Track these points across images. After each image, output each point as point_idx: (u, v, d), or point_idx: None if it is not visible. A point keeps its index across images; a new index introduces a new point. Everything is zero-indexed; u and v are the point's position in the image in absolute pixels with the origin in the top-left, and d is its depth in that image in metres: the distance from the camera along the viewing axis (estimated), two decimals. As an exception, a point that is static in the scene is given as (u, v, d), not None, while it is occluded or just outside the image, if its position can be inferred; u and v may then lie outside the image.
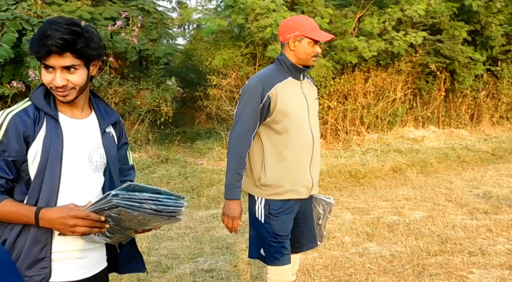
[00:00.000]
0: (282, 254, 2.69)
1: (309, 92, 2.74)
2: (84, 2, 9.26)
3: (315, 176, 2.78)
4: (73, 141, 1.72)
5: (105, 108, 1.87)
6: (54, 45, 1.58)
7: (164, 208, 1.61)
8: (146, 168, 7.53)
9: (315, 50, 2.61)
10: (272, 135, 2.63)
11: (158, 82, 9.54)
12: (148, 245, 4.62)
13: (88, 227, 1.61)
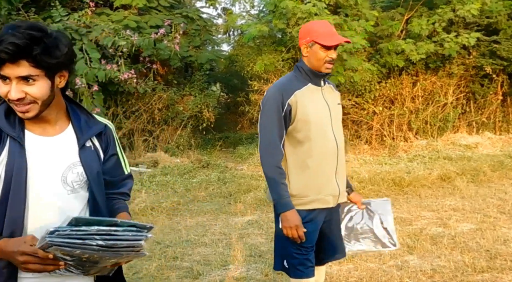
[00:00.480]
0: (305, 266, 2.60)
1: (331, 98, 2.65)
2: (131, 12, 9.50)
3: (341, 184, 2.67)
4: (41, 163, 1.55)
5: (86, 119, 1.68)
6: (3, 51, 1.39)
7: (115, 243, 1.39)
8: (187, 173, 7.59)
9: (328, 55, 2.50)
10: (294, 144, 2.56)
11: (201, 88, 9.63)
12: (181, 250, 4.62)
13: (41, 264, 1.42)
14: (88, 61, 7.35)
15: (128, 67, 8.04)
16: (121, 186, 1.81)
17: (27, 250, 1.42)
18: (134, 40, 7.64)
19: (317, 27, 2.56)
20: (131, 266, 4.21)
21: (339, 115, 2.68)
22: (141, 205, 5.81)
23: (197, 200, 6.26)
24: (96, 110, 7.43)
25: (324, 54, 2.49)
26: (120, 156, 1.80)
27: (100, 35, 7.60)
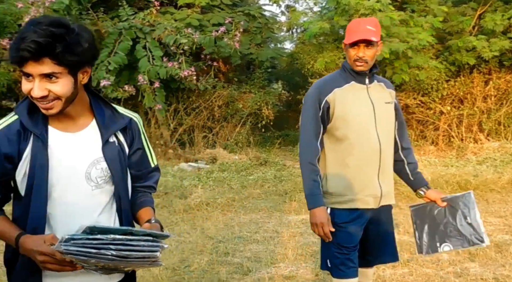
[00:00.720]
0: (347, 267, 2.54)
1: (379, 97, 2.55)
2: (194, 10, 9.66)
3: (385, 185, 2.57)
4: (64, 160, 1.55)
5: (111, 114, 1.66)
6: (25, 49, 1.37)
7: (130, 253, 1.38)
8: (244, 170, 7.61)
9: (356, 54, 2.43)
10: (333, 142, 2.53)
11: (261, 86, 9.64)
12: (233, 246, 4.63)
13: (58, 265, 1.44)
14: (151, 59, 7.55)
15: (189, 65, 8.19)
16: (147, 179, 1.81)
17: (46, 250, 1.43)
18: (195, 38, 7.76)
19: (350, 26, 2.52)
20: (183, 260, 4.27)
21: (386, 114, 2.57)
22: (197, 200, 5.89)
23: (252, 197, 6.26)
24: (158, 106, 7.63)
25: (353, 52, 2.45)
26: (146, 149, 1.77)
27: (163, 33, 7.79)
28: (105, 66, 7.18)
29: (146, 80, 7.23)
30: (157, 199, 6.02)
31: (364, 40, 2.40)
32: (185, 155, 8.44)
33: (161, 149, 8.35)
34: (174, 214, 5.55)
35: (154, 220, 1.67)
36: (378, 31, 2.48)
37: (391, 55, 8.17)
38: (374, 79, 2.58)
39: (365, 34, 2.43)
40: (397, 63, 8.47)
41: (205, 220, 5.37)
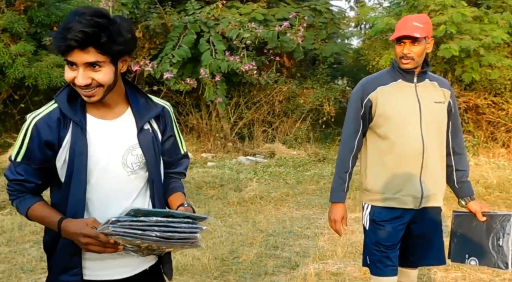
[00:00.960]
0: (385, 265, 2.53)
1: (428, 96, 2.48)
2: (260, 5, 9.71)
3: (428, 187, 2.50)
4: (102, 146, 1.61)
5: (145, 102, 1.71)
6: (73, 39, 1.43)
7: (173, 235, 1.44)
8: (301, 165, 7.59)
9: (401, 51, 2.39)
10: (375, 140, 2.52)
11: (324, 82, 9.54)
12: (283, 240, 4.64)
13: (101, 246, 1.50)
14: (214, 53, 7.68)
15: (251, 59, 8.26)
16: (178, 165, 1.86)
17: (90, 233, 1.49)
18: (258, 32, 7.81)
19: (398, 22, 2.48)
20: (233, 251, 4.34)
21: (434, 114, 2.49)
22: (251, 194, 5.94)
23: (307, 193, 6.23)
24: (218, 99, 7.76)
25: (399, 49, 2.41)
26: (177, 136, 1.83)
27: (226, 28, 7.90)
28: (168, 59, 7.39)
29: (208, 74, 7.37)
30: (212, 191, 6.15)
31: (408, 37, 2.35)
32: (244, 149, 8.53)
33: (220, 142, 8.49)
34: (228, 206, 5.63)
35: (187, 204, 1.71)
36: (426, 28, 2.40)
37: (461, 53, 7.81)
38: (426, 78, 2.51)
39: (409, 30, 2.37)
40: (467, 61, 8.08)
41: (257, 213, 5.42)
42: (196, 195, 5.98)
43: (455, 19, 7.30)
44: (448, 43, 7.65)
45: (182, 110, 8.84)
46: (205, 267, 3.95)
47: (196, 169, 7.03)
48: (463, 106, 8.77)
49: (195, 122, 8.68)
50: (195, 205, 5.68)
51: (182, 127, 8.97)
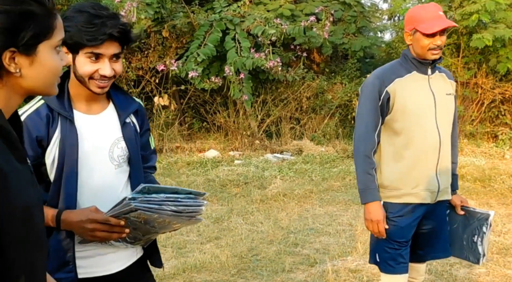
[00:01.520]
0: (397, 262, 2.46)
1: (440, 88, 2.43)
2: (287, 0, 9.64)
3: (443, 181, 2.45)
4: (90, 140, 1.65)
5: (125, 98, 1.77)
6: (116, 30, 1.53)
7: (184, 208, 1.53)
8: (329, 162, 7.48)
9: (432, 42, 2.28)
10: (391, 134, 2.42)
11: (353, 77, 9.37)
12: (304, 237, 4.58)
13: (108, 231, 1.55)
14: (239, 50, 7.67)
15: (278, 55, 8.21)
16: (149, 160, 1.92)
17: (98, 217, 1.53)
18: (284, 28, 7.74)
19: (419, 12, 2.35)
20: (252, 248, 4.32)
21: (447, 106, 2.45)
22: (274, 191, 5.90)
23: (332, 190, 6.13)
24: (244, 97, 7.75)
25: (428, 41, 2.30)
26: (149, 132, 1.91)
27: (252, 25, 7.87)
28: (194, 58, 7.43)
29: (232, 71, 7.37)
30: (236, 189, 6.15)
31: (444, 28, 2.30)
32: (271, 146, 8.48)
33: (248, 140, 8.48)
34: (250, 204, 5.61)
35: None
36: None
37: (495, 42, 7.52)
38: (436, 70, 2.45)
39: (445, 21, 2.34)
40: (502, 51, 7.78)
41: (280, 211, 5.37)
42: (220, 193, 5.98)
43: (488, 7, 7.03)
44: (481, 32, 7.37)
45: (210, 108, 8.88)
46: (223, 265, 3.94)
47: (222, 168, 7.04)
48: (498, 98, 8.46)
49: (223, 121, 8.70)
50: (219, 203, 5.69)
51: (209, 125, 9.02)
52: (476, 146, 8.36)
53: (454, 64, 8.30)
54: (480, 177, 6.51)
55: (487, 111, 8.69)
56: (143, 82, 8.49)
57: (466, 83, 8.52)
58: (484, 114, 8.69)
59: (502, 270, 3.77)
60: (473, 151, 8.20)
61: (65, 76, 1.63)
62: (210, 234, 4.65)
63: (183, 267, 3.87)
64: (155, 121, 8.49)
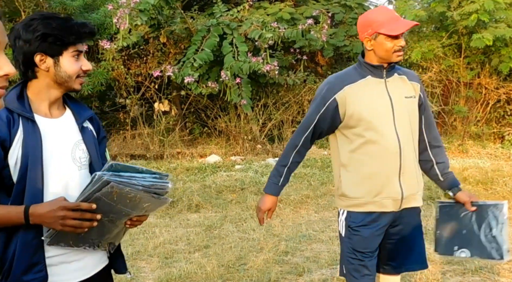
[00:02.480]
0: (360, 274, 2.38)
1: (398, 91, 2.34)
2: (287, 4, 9.59)
3: (407, 188, 2.35)
4: (52, 141, 1.67)
5: (78, 105, 1.83)
6: (89, 29, 1.69)
7: (152, 184, 1.59)
8: (330, 166, 7.38)
9: (396, 44, 2.23)
10: (347, 142, 2.36)
11: (355, 79, 9.26)
12: (295, 245, 4.51)
13: (78, 219, 1.55)
14: (236, 55, 7.63)
15: (278, 59, 8.14)
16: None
17: (69, 205, 1.55)
18: (281, 32, 7.69)
19: (377, 15, 2.29)
20: (241, 257, 4.25)
21: (406, 110, 2.35)
22: (270, 196, 5.83)
23: (329, 194, 6.05)
24: (243, 101, 7.70)
25: (392, 43, 2.24)
26: (106, 142, 1.95)
27: (249, 29, 7.83)
28: (190, 63, 7.41)
29: (229, 76, 7.33)
30: (232, 195, 6.09)
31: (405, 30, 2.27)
32: (273, 150, 8.42)
33: (249, 144, 8.43)
34: (245, 210, 5.56)
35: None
36: None
37: (497, 42, 7.38)
38: (394, 72, 2.36)
39: (407, 22, 2.33)
40: (504, 51, 7.62)
41: (274, 217, 5.30)
42: (215, 199, 5.94)
43: (487, 6, 6.90)
44: (481, 32, 7.23)
45: (211, 113, 8.86)
46: (208, 275, 3.88)
47: (221, 173, 7.00)
48: (503, 98, 8.30)
49: (224, 125, 8.66)
50: (213, 210, 5.65)
51: (211, 130, 8.99)
52: (481, 147, 8.21)
53: (456, 65, 8.17)
54: (482, 180, 6.37)
55: (493, 112, 8.52)
56: (142, 88, 8.49)
57: (469, 83, 8.37)
58: (489, 115, 8.53)
59: (496, 278, 3.66)
60: (478, 152, 8.05)
61: (24, 83, 1.69)
62: (199, 242, 4.61)
63: (167, 278, 3.81)
64: (155, 127, 8.50)
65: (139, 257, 4.31)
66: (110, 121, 9.20)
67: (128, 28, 7.02)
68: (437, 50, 8.00)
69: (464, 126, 8.35)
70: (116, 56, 7.82)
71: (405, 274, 3.79)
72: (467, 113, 8.34)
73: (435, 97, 8.49)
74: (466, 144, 8.17)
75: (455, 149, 8.14)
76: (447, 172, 2.47)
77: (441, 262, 4.01)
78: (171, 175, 1.72)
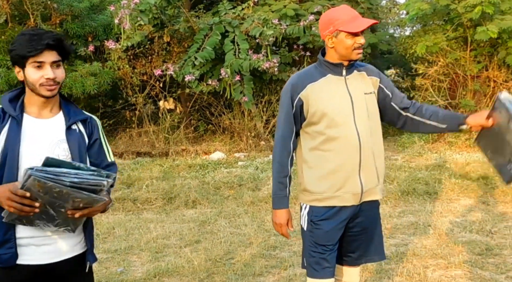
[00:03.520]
0: (322, 266, 2.44)
1: (358, 88, 2.39)
2: (292, 0, 9.57)
3: (367, 182, 2.40)
4: (33, 139, 1.89)
5: (75, 109, 2.03)
6: (51, 40, 1.85)
7: (83, 181, 1.70)
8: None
9: (356, 41, 2.28)
10: (310, 139, 2.41)
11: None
12: (284, 240, 4.53)
13: (18, 203, 1.70)
14: (237, 52, 7.68)
15: (280, 56, 8.15)
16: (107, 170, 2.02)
17: (12, 189, 1.72)
18: (283, 28, 7.70)
19: (338, 14, 2.33)
20: (229, 252, 4.32)
21: (366, 106, 2.39)
22: (265, 193, 5.88)
23: (326, 190, 6.06)
24: (244, 98, 7.74)
25: (352, 41, 2.28)
26: (104, 145, 2.09)
27: (250, 26, 7.87)
28: (191, 62, 7.49)
29: (229, 74, 7.38)
30: (230, 191, 6.16)
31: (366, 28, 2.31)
32: (278, 147, 8.44)
33: (253, 141, 8.48)
34: (241, 206, 5.61)
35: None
36: None
37: (503, 34, 7.25)
38: (354, 69, 2.41)
39: (367, 19, 2.35)
40: (511, 43, 7.48)
41: (268, 213, 5.34)
42: (212, 195, 6.01)
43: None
44: (486, 25, 7.12)
45: (214, 111, 8.93)
46: (195, 269, 3.95)
47: (221, 170, 7.06)
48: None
49: (228, 122, 8.73)
50: (209, 206, 5.72)
51: (215, 127, 9.07)
52: (489, 142, 8.07)
53: (463, 58, 8.05)
54: (484, 174, 6.28)
55: (501, 105, 8.36)
56: (148, 86, 8.62)
57: (477, 76, 8.24)
58: (497, 108, 8.38)
59: (479, 272, 3.64)
60: (485, 147, 7.92)
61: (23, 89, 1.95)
62: (191, 237, 4.68)
63: (154, 271, 3.90)
64: (161, 124, 8.62)
65: (131, 252, 4.42)
66: (118, 120, 9.37)
67: (131, 28, 7.13)
68: (442, 43, 7.90)
69: (471, 120, 8.21)
70: (122, 55, 7.97)
71: (387, 268, 3.82)
72: (475, 106, 8.22)
73: (442, 91, 8.39)
74: (473, 139, 8.05)
75: (462, 144, 8.03)
76: (443, 113, 2.46)
77: (424, 256, 4.01)
78: (114, 175, 1.84)
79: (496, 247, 4.14)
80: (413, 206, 5.49)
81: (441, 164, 7.03)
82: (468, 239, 4.36)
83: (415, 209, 5.35)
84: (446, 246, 4.22)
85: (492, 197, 5.61)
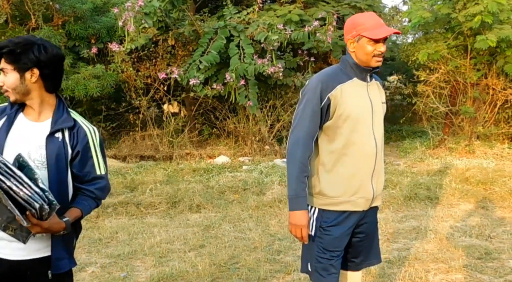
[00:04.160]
0: (329, 272, 2.47)
1: (376, 95, 2.46)
2: (297, 6, 9.67)
3: (377, 188, 2.48)
4: (18, 140, 1.95)
5: (67, 117, 2.02)
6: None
7: (20, 192, 1.64)
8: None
9: (376, 49, 2.32)
10: (330, 141, 2.41)
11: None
12: (289, 244, 4.62)
13: None
14: (242, 57, 7.76)
15: (285, 61, 8.23)
16: (90, 184, 2.05)
17: None
18: (288, 34, 7.79)
19: (363, 20, 2.37)
20: (233, 256, 4.37)
21: (381, 114, 2.50)
22: (270, 197, 5.95)
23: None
24: (249, 103, 7.83)
25: (372, 48, 2.33)
26: (94, 157, 2.05)
27: (255, 31, 7.96)
28: (196, 66, 7.57)
29: (233, 78, 7.47)
30: (234, 195, 6.23)
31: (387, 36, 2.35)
32: (281, 151, 8.52)
33: (257, 145, 8.56)
34: (245, 211, 5.68)
35: (65, 219, 1.91)
36: None
37: (501, 43, 7.35)
38: (373, 78, 2.49)
39: (390, 28, 2.40)
40: (509, 52, 7.59)
41: (272, 217, 5.43)
42: (217, 200, 6.08)
43: (490, 8, 6.87)
44: (486, 34, 7.21)
45: (219, 115, 9.01)
46: (199, 274, 4.00)
47: (225, 174, 7.14)
48: (511, 99, 8.24)
49: (232, 127, 8.81)
50: (214, 210, 5.79)
51: (220, 132, 9.15)
52: (489, 148, 8.17)
53: (463, 66, 8.14)
54: (483, 180, 6.38)
55: (501, 112, 8.48)
56: (152, 90, 8.70)
57: (476, 84, 8.34)
58: (498, 115, 8.49)
59: (478, 276, 3.71)
60: (485, 152, 8.03)
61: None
62: (195, 242, 4.74)
63: (158, 276, 3.93)
64: (165, 128, 8.70)
65: (135, 256, 4.44)
66: (121, 123, 9.45)
67: (135, 31, 7.20)
68: (443, 51, 7.99)
69: (471, 127, 8.33)
70: (126, 58, 8.03)
71: (390, 272, 3.89)
72: (474, 113, 8.31)
73: (443, 98, 8.48)
74: (473, 145, 8.15)
75: (462, 150, 8.12)
76: None
77: (425, 260, 4.09)
78: (58, 206, 1.77)
79: (495, 251, 4.23)
80: (415, 211, 5.58)
81: (442, 170, 7.13)
82: (468, 244, 4.45)
83: (417, 213, 5.44)
84: (447, 250, 4.30)
85: (490, 202, 5.70)
